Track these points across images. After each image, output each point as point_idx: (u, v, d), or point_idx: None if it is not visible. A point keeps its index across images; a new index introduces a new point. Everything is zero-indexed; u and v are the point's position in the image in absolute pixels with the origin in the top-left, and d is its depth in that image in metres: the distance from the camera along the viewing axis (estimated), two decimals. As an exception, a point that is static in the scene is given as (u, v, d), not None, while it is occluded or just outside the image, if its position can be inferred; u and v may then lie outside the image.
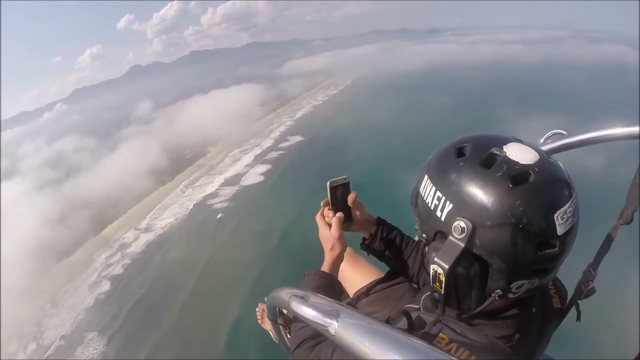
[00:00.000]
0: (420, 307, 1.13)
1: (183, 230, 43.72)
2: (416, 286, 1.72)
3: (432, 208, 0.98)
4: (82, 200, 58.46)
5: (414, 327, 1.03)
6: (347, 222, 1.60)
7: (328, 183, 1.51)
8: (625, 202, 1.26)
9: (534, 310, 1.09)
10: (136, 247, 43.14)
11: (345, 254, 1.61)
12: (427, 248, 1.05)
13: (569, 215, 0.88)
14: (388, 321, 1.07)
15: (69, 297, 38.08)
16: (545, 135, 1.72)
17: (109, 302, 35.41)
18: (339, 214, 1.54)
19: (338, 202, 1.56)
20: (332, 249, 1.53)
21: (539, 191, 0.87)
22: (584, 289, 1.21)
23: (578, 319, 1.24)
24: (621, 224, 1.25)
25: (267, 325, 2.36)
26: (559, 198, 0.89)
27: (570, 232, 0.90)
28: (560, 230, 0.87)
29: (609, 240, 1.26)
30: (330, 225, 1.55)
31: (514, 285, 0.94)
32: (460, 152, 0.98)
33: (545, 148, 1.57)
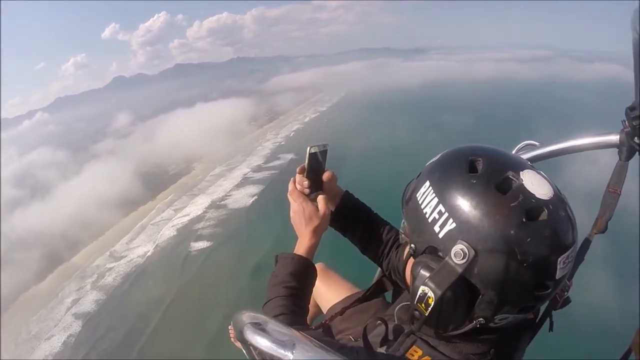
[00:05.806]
0: (394, 318, 1.08)
1: (160, 259, 38.88)
2: (390, 283, 1.64)
3: (429, 220, 0.90)
4: (37, 233, 52.09)
5: (388, 338, 1.00)
6: (318, 192, 1.45)
7: (308, 148, 1.38)
8: (599, 210, 1.24)
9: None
10: (109, 278, 37.84)
11: (318, 269, 1.52)
12: (411, 259, 1.00)
13: (569, 260, 0.86)
14: (364, 331, 1.02)
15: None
16: (517, 147, 1.62)
17: (74, 343, 30.67)
18: (324, 195, 1.42)
19: (315, 170, 1.43)
20: (316, 229, 1.37)
21: (550, 232, 0.83)
22: (559, 300, 1.15)
23: (551, 329, 1.20)
24: (595, 233, 1.23)
25: (239, 344, 2.01)
26: (565, 242, 0.85)
27: (565, 275, 0.87)
28: (558, 274, 0.84)
29: (583, 249, 1.21)
30: (306, 198, 1.42)
31: (498, 317, 0.90)
32: (472, 167, 0.90)
33: None
